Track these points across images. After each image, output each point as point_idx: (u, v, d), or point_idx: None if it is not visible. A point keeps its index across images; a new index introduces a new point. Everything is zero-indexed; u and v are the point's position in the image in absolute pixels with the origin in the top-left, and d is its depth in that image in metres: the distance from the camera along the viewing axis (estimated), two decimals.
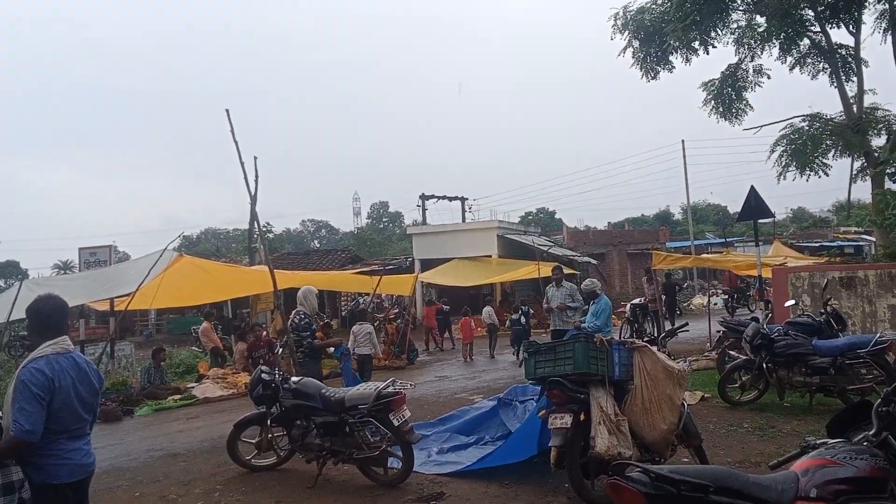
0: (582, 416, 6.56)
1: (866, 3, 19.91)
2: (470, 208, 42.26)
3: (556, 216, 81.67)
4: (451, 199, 41.82)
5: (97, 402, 4.39)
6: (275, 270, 11.92)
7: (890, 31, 19.36)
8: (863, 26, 20.31)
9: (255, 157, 10.64)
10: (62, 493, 4.06)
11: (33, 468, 3.99)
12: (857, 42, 20.42)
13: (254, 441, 8.59)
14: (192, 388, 15.67)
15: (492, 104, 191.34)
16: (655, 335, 14.22)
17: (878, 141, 21.18)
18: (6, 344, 24.33)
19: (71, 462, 4.10)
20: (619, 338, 11.09)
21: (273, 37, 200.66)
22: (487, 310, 22.17)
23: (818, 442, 3.74)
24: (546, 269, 25.57)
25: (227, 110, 10.35)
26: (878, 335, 9.93)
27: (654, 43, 20.70)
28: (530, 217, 74.51)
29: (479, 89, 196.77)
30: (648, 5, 20.76)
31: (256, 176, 10.60)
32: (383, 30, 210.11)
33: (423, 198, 40.64)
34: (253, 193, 10.63)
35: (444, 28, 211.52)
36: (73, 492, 4.14)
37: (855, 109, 20.36)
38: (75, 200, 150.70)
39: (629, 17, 20.84)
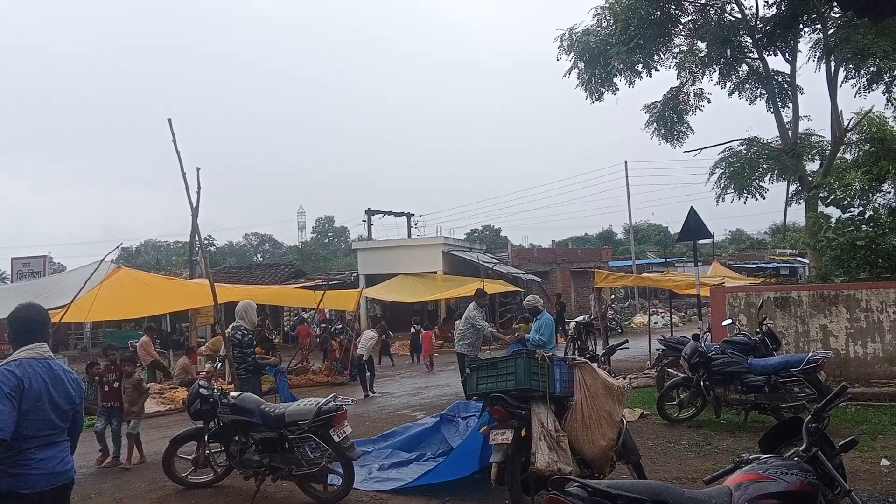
0: (523, 433, 6.58)
1: (802, 33, 20.63)
2: (416, 224, 42.27)
3: (502, 234, 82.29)
4: (397, 214, 41.71)
5: (75, 409, 4.35)
6: (216, 284, 11.73)
7: (824, 60, 20.09)
8: (798, 54, 21.08)
9: (198, 169, 10.47)
10: (30, 502, 3.99)
11: (3, 476, 3.95)
12: (793, 69, 21.16)
13: (191, 457, 8.42)
14: None
15: (439, 122, 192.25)
16: (597, 353, 14.41)
17: (812, 166, 21.99)
18: None
19: (42, 471, 4.04)
20: (564, 354, 11.24)
21: (218, 48, 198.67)
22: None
23: (751, 457, 3.82)
24: (492, 287, 25.75)
25: (170, 120, 10.17)
26: (811, 354, 10.19)
27: (599, 65, 21.10)
28: (476, 234, 74.78)
29: (427, 108, 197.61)
30: (594, 28, 21.18)
31: (199, 187, 10.42)
32: (330, 45, 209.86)
33: (369, 213, 40.42)
34: (195, 205, 10.46)
35: (393, 47, 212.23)
36: (48, 500, 4.07)
37: (790, 135, 21.04)
38: (8, 208, 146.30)
39: (575, 38, 21.22)
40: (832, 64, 19.97)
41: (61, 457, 4.19)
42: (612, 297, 42.02)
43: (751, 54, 21.45)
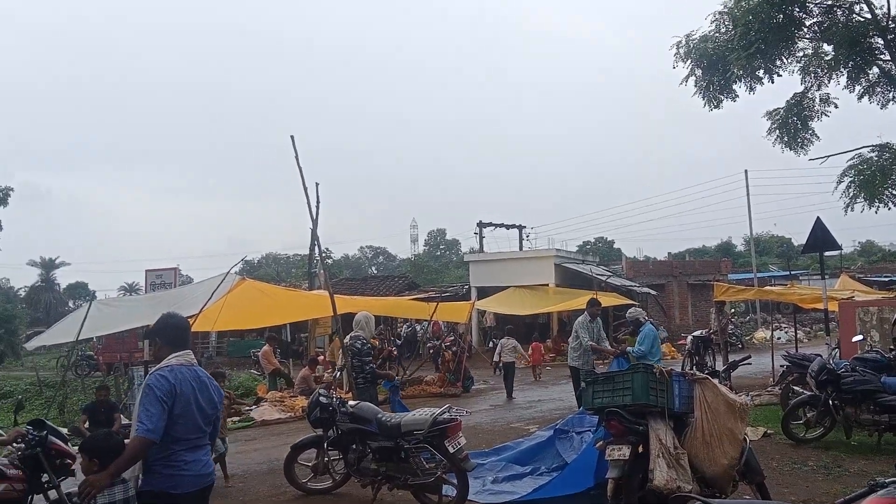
0: (640, 449, 6.47)
1: None
2: (527, 236, 42.06)
3: (615, 246, 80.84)
4: (508, 227, 41.68)
5: (217, 414, 4.65)
6: (334, 295, 12.06)
7: None
8: None
9: (317, 184, 10.86)
10: (179, 502, 4.26)
11: (155, 476, 4.23)
12: None
13: (310, 464, 8.67)
14: (250, 410, 15.86)
15: (552, 132, 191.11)
16: (716, 368, 13.98)
17: None
18: (73, 363, 25.05)
19: (190, 473, 4.31)
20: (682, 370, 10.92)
21: (338, 60, 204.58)
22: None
23: (887, 481, 3.62)
24: (605, 299, 25.37)
25: (293, 136, 10.54)
26: None
27: (717, 71, 20.44)
28: (588, 246, 73.86)
29: (537, 120, 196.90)
30: (712, 34, 20.57)
31: (318, 201, 10.82)
32: (443, 56, 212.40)
33: (481, 225, 40.59)
34: (315, 219, 10.82)
35: (507, 59, 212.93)
36: (192, 501, 4.34)
37: None
38: (141, 222, 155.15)
39: (692, 45, 20.67)
40: None
41: (205, 460, 4.46)
42: (732, 311, 40.64)
43: (882, 56, 20.36)
